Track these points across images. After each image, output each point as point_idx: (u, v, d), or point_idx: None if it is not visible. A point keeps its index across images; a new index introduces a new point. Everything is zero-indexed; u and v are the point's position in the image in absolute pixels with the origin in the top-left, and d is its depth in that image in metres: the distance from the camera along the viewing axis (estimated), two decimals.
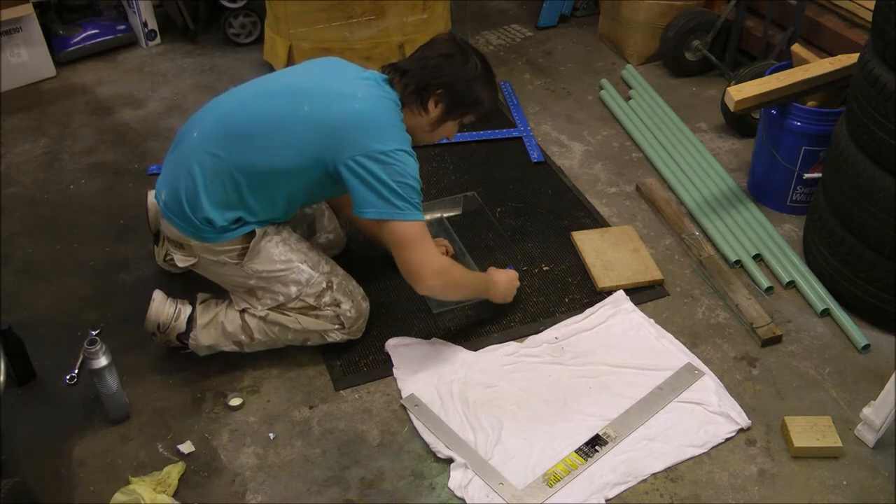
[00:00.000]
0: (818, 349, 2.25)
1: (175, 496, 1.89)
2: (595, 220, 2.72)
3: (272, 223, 2.09)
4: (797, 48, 2.72)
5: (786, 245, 2.55)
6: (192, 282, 2.28)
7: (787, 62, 2.74)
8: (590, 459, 1.93)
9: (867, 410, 1.95)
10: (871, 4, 2.27)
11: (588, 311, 2.35)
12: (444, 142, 2.25)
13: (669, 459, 1.94)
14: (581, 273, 2.50)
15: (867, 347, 2.23)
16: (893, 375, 1.87)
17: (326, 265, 2.15)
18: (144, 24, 3.75)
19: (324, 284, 2.12)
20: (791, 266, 2.47)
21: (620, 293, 2.39)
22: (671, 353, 2.21)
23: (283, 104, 1.99)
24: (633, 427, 2.01)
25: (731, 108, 2.53)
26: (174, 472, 1.92)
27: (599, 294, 2.42)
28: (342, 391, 2.15)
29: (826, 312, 2.34)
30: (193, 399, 2.14)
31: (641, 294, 2.42)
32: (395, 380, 2.16)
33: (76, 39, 3.65)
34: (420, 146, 2.10)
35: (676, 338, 2.26)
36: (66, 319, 2.37)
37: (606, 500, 1.87)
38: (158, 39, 3.84)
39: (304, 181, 2.02)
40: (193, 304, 2.17)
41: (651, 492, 1.89)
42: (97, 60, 3.70)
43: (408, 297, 2.37)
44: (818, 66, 2.56)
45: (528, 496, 1.86)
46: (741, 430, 2.02)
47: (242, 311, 2.14)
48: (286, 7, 3.18)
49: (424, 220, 2.01)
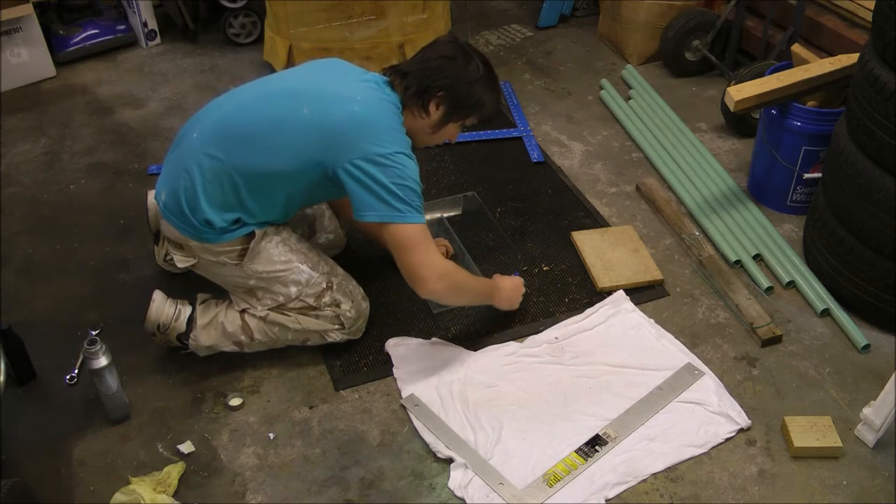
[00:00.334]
0: (818, 349, 2.25)
1: (175, 496, 1.89)
2: (595, 220, 2.72)
3: (271, 224, 2.09)
4: (797, 48, 2.71)
5: (786, 245, 2.55)
6: (192, 282, 2.27)
7: (787, 62, 2.74)
8: (590, 459, 1.93)
9: (867, 410, 1.95)
10: (871, 4, 2.27)
11: (588, 311, 2.35)
12: (445, 143, 2.25)
13: (669, 459, 1.94)
14: (581, 273, 2.50)
15: (867, 347, 2.23)
16: (893, 375, 1.87)
17: (326, 265, 2.15)
18: (144, 24, 3.75)
19: (324, 285, 2.11)
20: (791, 266, 2.47)
21: (620, 293, 2.39)
22: (671, 353, 2.21)
23: (283, 106, 1.99)
24: (633, 427, 2.01)
25: (731, 108, 2.53)
26: (174, 472, 1.92)
27: (599, 294, 2.42)
28: (342, 391, 2.15)
29: (826, 312, 2.34)
30: (193, 399, 2.14)
31: (641, 294, 2.42)
32: (395, 380, 2.16)
33: (76, 39, 3.65)
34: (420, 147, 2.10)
35: (676, 338, 2.26)
36: (66, 319, 2.37)
37: (606, 500, 1.87)
38: (158, 39, 3.84)
39: (303, 184, 2.01)
40: (193, 305, 2.17)
41: (651, 492, 1.89)
42: (97, 60, 3.71)
43: (408, 298, 2.37)
44: (818, 66, 2.56)
45: (528, 496, 1.86)
46: (741, 430, 2.01)
47: (242, 312, 2.13)
48: (286, 7, 3.18)
49: (425, 223, 2.00)
